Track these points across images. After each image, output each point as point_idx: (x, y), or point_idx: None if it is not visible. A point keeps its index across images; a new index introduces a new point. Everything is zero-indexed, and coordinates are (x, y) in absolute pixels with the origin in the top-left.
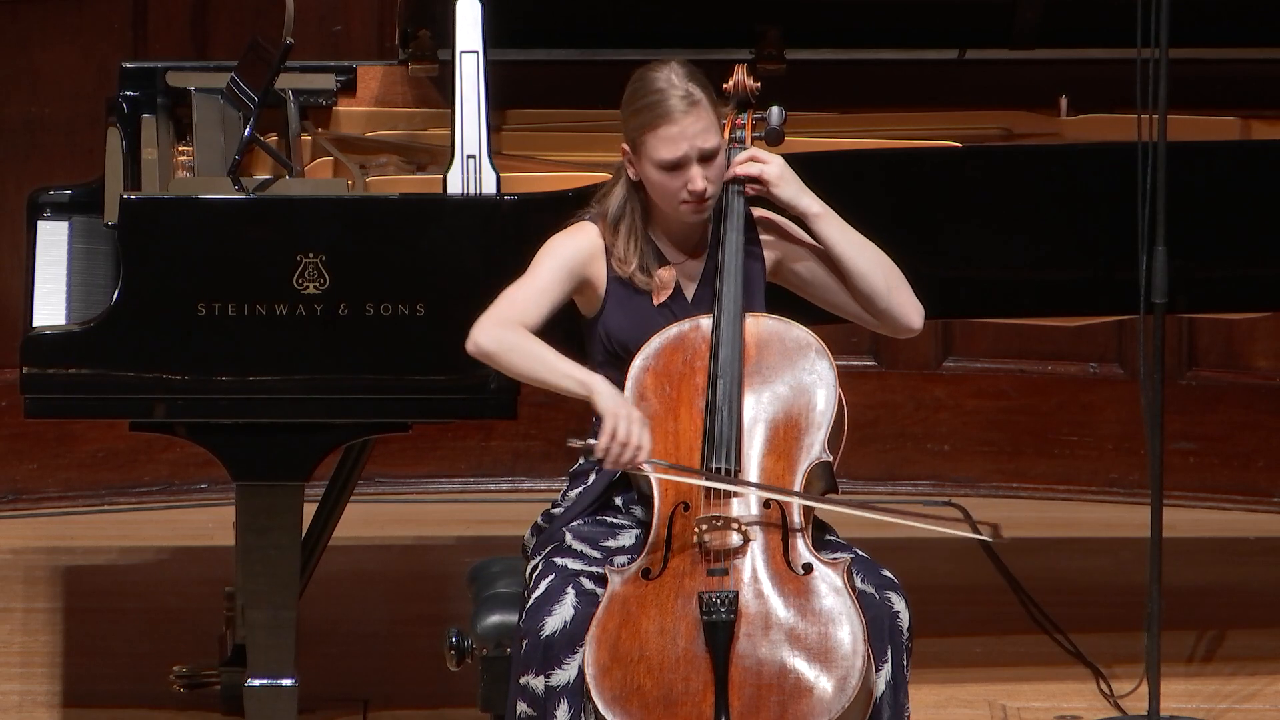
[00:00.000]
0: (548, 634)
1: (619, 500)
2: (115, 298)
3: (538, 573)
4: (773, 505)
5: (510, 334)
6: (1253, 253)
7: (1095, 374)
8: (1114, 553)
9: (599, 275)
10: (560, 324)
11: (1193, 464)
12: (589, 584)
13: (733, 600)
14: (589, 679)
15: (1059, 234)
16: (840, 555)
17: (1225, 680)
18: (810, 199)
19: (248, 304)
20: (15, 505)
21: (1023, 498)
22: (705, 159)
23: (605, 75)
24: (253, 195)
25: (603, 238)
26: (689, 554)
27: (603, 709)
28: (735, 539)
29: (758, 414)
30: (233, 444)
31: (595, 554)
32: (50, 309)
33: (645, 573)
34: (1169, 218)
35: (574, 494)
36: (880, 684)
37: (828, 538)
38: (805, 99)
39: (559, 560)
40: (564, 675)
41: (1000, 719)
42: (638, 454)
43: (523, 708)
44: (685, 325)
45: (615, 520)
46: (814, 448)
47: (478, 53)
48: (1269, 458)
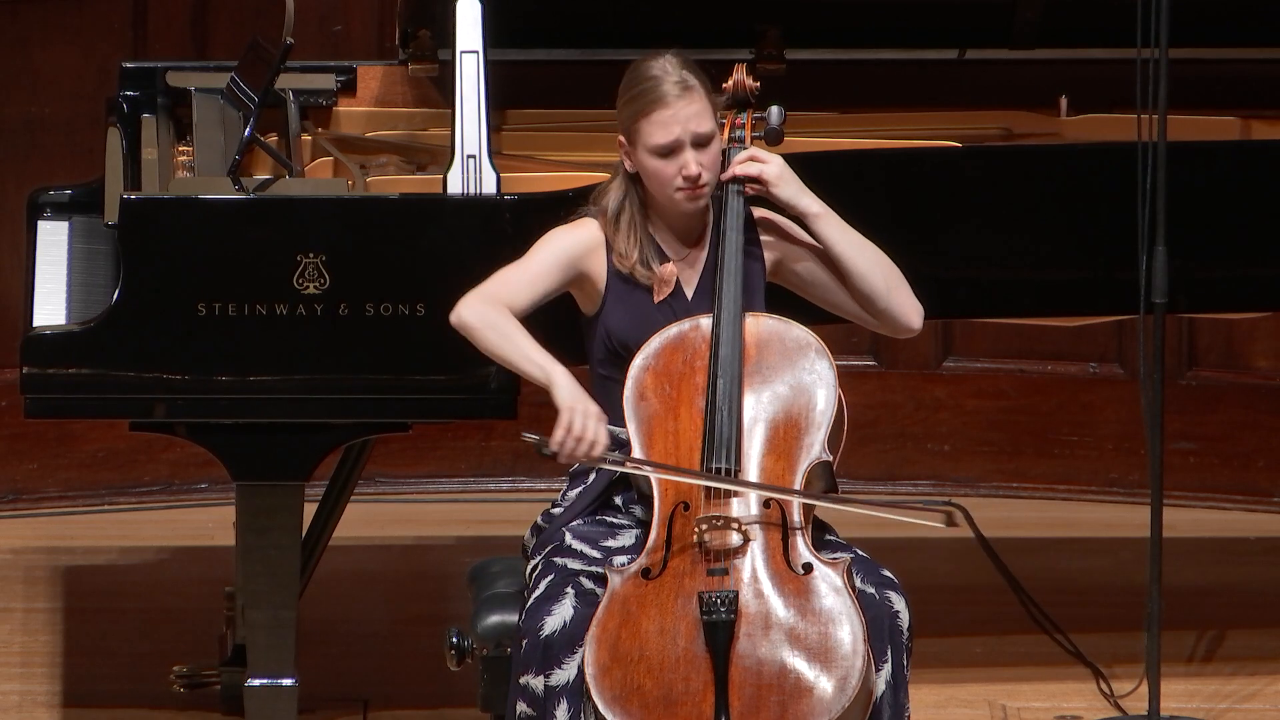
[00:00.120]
0: (547, 634)
1: (619, 500)
2: (115, 298)
3: (537, 573)
4: (773, 505)
5: (492, 312)
6: (1253, 253)
7: (1095, 374)
8: (1114, 553)
9: (598, 270)
10: (562, 326)
11: (1193, 464)
12: (589, 584)
13: (733, 600)
14: (589, 679)
15: (1059, 234)
16: (840, 555)
17: (1225, 680)
18: (810, 199)
19: (248, 304)
20: (15, 505)
21: (1023, 498)
22: (699, 144)
23: (605, 75)
24: (253, 195)
25: (604, 233)
26: (689, 554)
27: (603, 709)
28: (735, 539)
29: (758, 414)
30: (233, 444)
31: (595, 554)
32: (50, 309)
33: (645, 572)
34: (1169, 218)
35: (574, 494)
36: (880, 684)
37: (828, 538)
38: (805, 99)
39: (559, 560)
40: (563, 675)
41: (1000, 719)
42: (591, 449)
43: (522, 708)
44: (685, 325)
45: (615, 520)
46: (814, 447)
47: (478, 53)
48: (1269, 458)
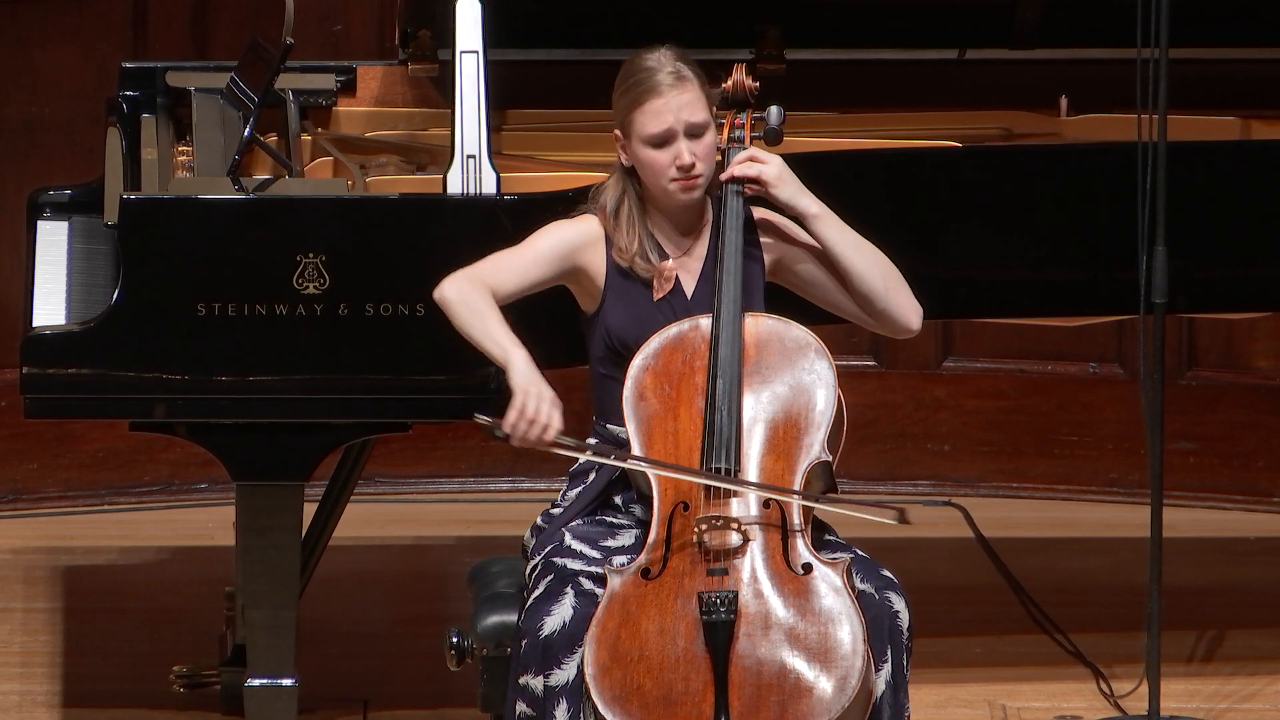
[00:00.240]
0: (547, 634)
1: (619, 499)
2: (115, 298)
3: (537, 573)
4: (772, 505)
5: (472, 291)
6: (1253, 253)
7: (1095, 374)
8: (1114, 553)
9: (596, 264)
10: (563, 325)
11: (1193, 464)
12: (588, 584)
13: (732, 600)
14: (589, 679)
15: (1059, 234)
16: (840, 555)
17: (1225, 680)
18: (809, 199)
19: (248, 304)
20: (15, 505)
21: (1023, 498)
22: (693, 134)
23: (605, 75)
24: (253, 195)
25: (604, 228)
26: (688, 554)
27: (602, 709)
28: (735, 539)
29: (757, 414)
30: (233, 444)
31: (594, 554)
32: (50, 309)
33: (645, 573)
34: (1169, 218)
35: (573, 494)
36: (880, 684)
37: (827, 538)
38: (805, 99)
39: (558, 560)
40: (563, 675)
41: (1000, 719)
42: (544, 432)
43: (522, 708)
44: (685, 325)
45: (615, 520)
46: (813, 447)
47: (478, 53)
48: (1269, 458)
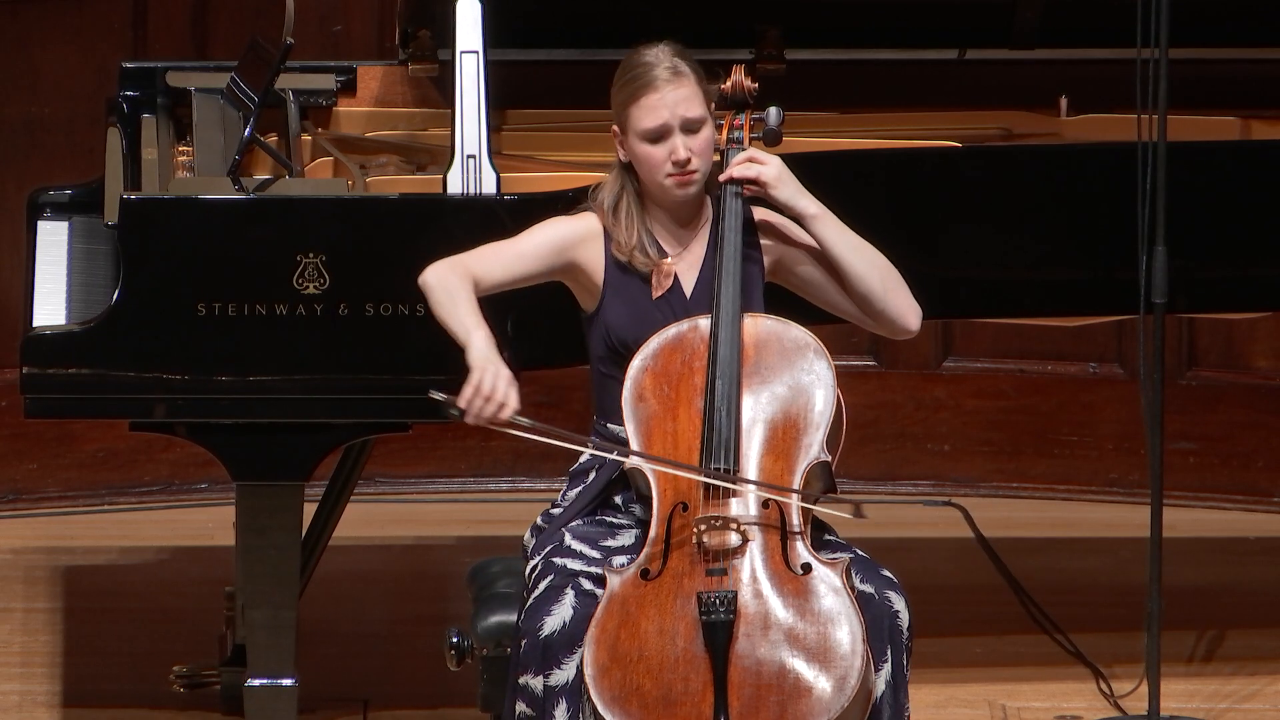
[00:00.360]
0: (546, 634)
1: (618, 499)
2: (115, 298)
3: (537, 573)
4: (771, 505)
5: (453, 277)
6: (1253, 253)
7: (1095, 374)
8: (1114, 553)
9: (592, 260)
10: (563, 325)
11: (1193, 464)
12: (588, 584)
13: (731, 600)
14: (588, 679)
15: (1059, 234)
16: (839, 555)
17: (1225, 680)
18: (808, 200)
19: (248, 304)
20: (15, 505)
21: (1023, 498)
22: (689, 129)
23: (605, 75)
24: (253, 195)
25: (602, 224)
26: (688, 554)
27: (602, 709)
28: (734, 539)
29: (756, 414)
30: (233, 444)
31: (594, 554)
32: (50, 309)
33: (644, 573)
34: (1169, 218)
35: (573, 494)
36: (880, 684)
37: (827, 538)
38: (805, 99)
39: (558, 560)
40: (562, 675)
41: (1000, 719)
42: (500, 410)
43: (521, 707)
44: (684, 326)
45: (615, 520)
46: (812, 448)
47: (478, 53)
48: (1269, 458)
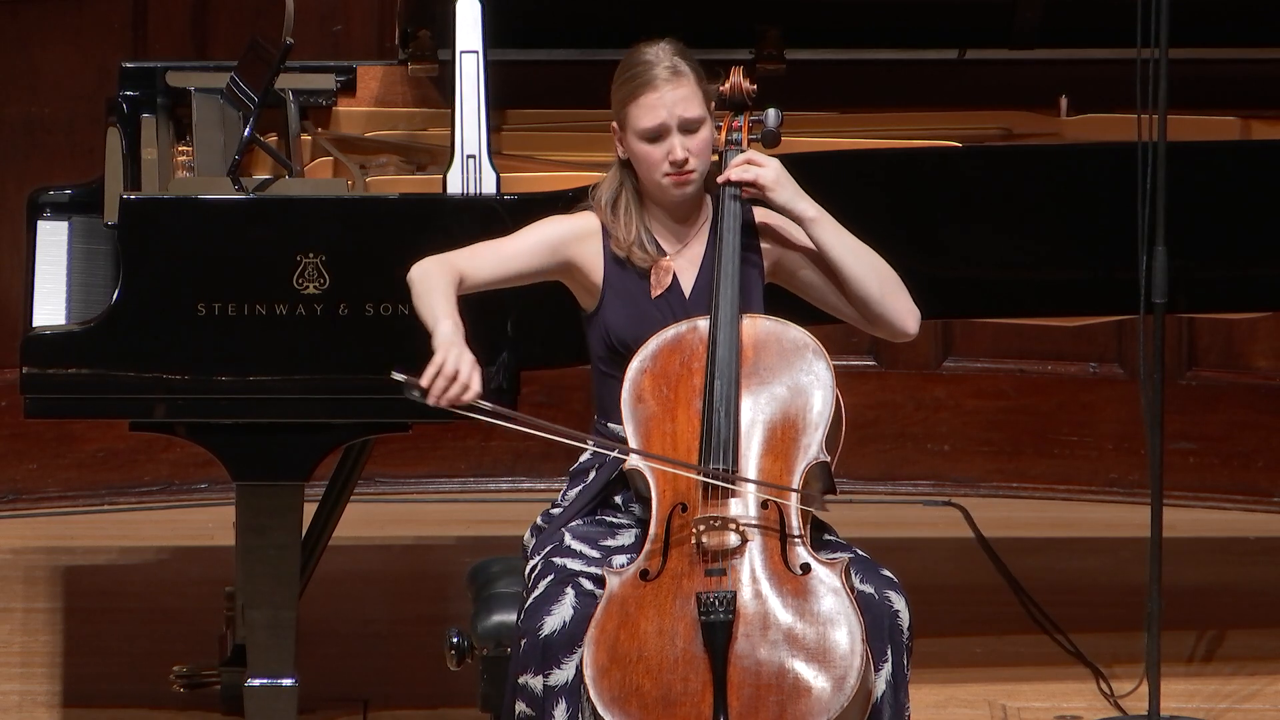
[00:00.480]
0: (546, 634)
1: (618, 499)
2: (115, 298)
3: (537, 573)
4: (770, 506)
5: (436, 271)
6: (1253, 253)
7: (1095, 374)
8: (1114, 553)
9: (589, 258)
10: (563, 324)
11: (1193, 464)
12: (588, 584)
13: (730, 600)
14: (588, 680)
15: (1059, 234)
16: (839, 555)
17: (1225, 680)
18: (806, 203)
19: (248, 304)
20: (15, 505)
21: (1023, 498)
22: (687, 129)
23: (605, 75)
24: (253, 195)
25: (601, 221)
26: (687, 555)
27: (601, 710)
28: (733, 539)
29: (755, 415)
30: (233, 444)
31: (594, 554)
32: (50, 309)
33: (643, 574)
34: (1169, 218)
35: (573, 493)
36: (880, 684)
37: (826, 537)
38: (805, 99)
39: (558, 560)
40: (562, 675)
41: (1000, 719)
42: (464, 391)
43: (521, 707)
44: (683, 327)
45: (615, 519)
46: (811, 448)
47: (478, 53)
48: (1269, 458)
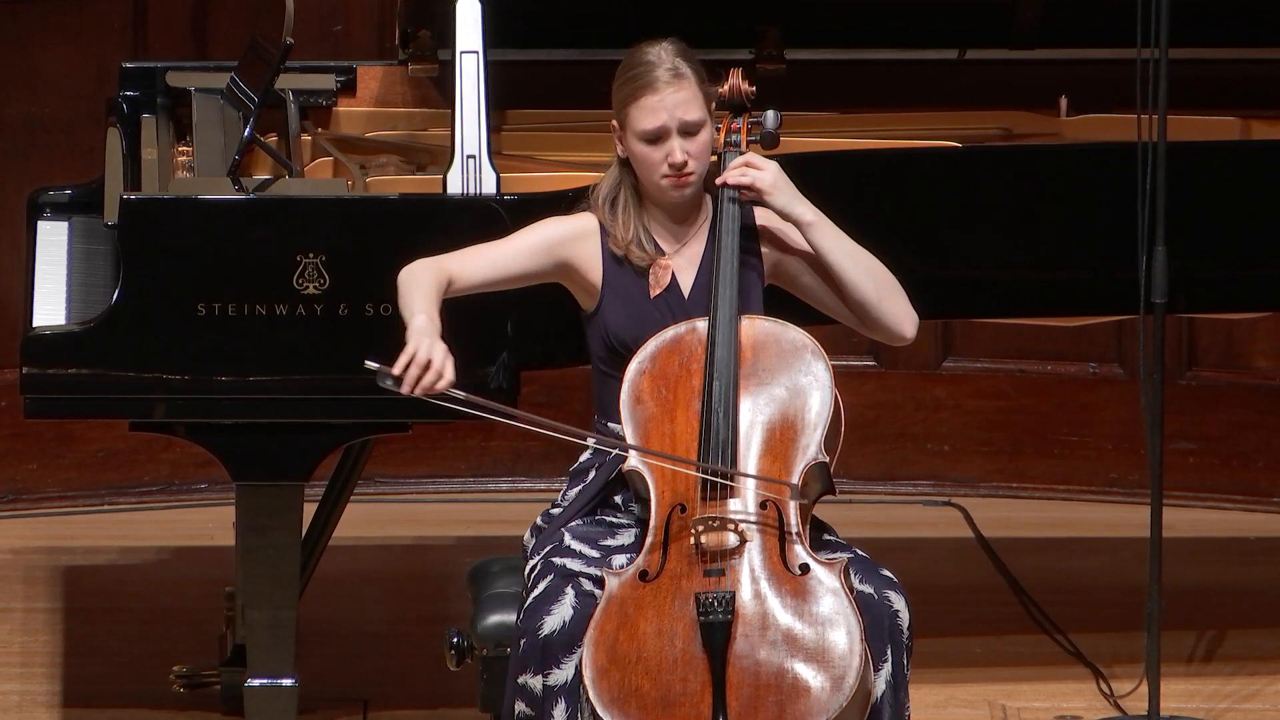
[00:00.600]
0: (546, 633)
1: (618, 499)
2: (115, 298)
3: (536, 573)
4: (769, 506)
5: (422, 271)
6: (1253, 253)
7: (1095, 374)
8: (1114, 553)
9: (588, 259)
10: (564, 324)
11: (1193, 464)
12: (588, 584)
13: (729, 601)
14: (587, 681)
15: (1059, 234)
16: (838, 555)
17: (1225, 680)
18: (804, 207)
19: (248, 304)
20: (15, 505)
21: (1023, 498)
22: (687, 132)
23: (605, 75)
24: (253, 195)
25: (599, 220)
26: (686, 555)
27: (601, 711)
28: (732, 540)
29: (754, 416)
30: (233, 444)
31: (594, 554)
32: (50, 309)
33: (642, 575)
34: (1169, 218)
35: (573, 493)
36: (880, 683)
37: (825, 537)
38: (805, 99)
39: (558, 560)
40: (561, 675)
41: (1000, 719)
42: (438, 379)
43: (520, 707)
44: (681, 328)
45: (615, 519)
46: (810, 449)
47: (478, 53)
48: (1269, 458)
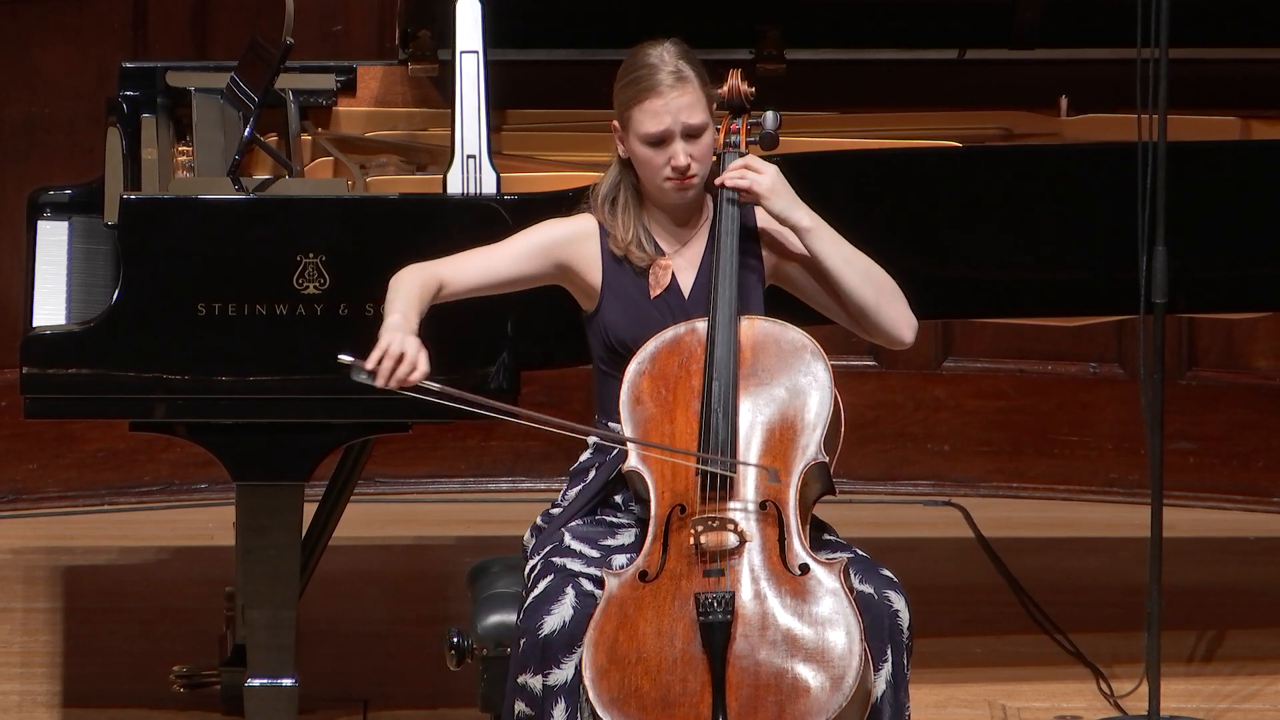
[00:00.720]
0: (546, 633)
1: (618, 498)
2: (115, 298)
3: (536, 572)
4: (769, 506)
5: (409, 275)
6: (1253, 253)
7: (1095, 374)
8: (1114, 553)
9: (587, 260)
10: (563, 324)
11: (1193, 464)
12: (588, 584)
13: (729, 601)
14: (587, 682)
15: (1059, 234)
16: (838, 555)
17: (1225, 680)
18: (802, 212)
19: (248, 304)
20: (15, 505)
21: (1023, 498)
22: (690, 135)
23: (605, 75)
24: (253, 195)
25: (599, 221)
26: (685, 555)
27: (601, 711)
28: (731, 540)
29: (753, 416)
30: (233, 444)
31: (594, 554)
32: (50, 309)
33: (642, 575)
34: (1169, 218)
35: (573, 493)
36: (880, 683)
37: (825, 537)
38: (805, 99)
39: (558, 560)
40: (561, 675)
41: (1000, 719)
42: (411, 371)
43: (520, 707)
44: (681, 329)
45: (615, 519)
46: (809, 449)
47: (478, 53)
48: (1269, 458)
